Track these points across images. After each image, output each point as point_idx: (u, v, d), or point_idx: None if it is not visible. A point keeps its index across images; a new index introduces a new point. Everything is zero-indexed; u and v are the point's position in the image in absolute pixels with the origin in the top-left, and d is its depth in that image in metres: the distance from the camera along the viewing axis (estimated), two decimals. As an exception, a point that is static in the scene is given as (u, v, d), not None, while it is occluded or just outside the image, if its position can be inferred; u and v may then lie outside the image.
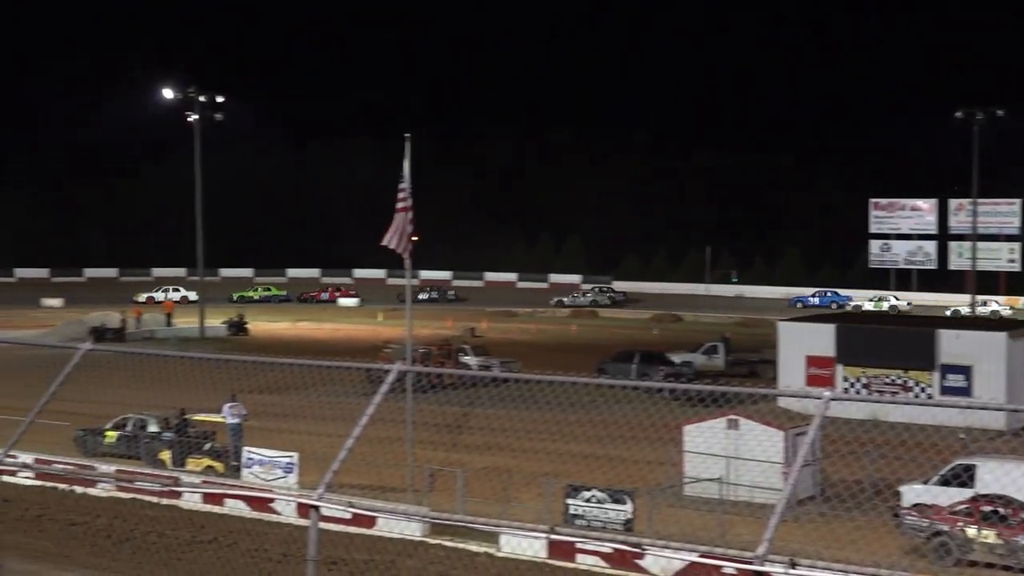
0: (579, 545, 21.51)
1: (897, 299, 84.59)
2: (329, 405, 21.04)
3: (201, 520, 23.49)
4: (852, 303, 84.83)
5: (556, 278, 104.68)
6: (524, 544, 21.22)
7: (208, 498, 25.22)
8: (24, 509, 20.65)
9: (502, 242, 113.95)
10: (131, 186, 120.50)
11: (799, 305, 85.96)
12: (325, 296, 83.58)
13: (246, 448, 29.61)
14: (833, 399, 8.26)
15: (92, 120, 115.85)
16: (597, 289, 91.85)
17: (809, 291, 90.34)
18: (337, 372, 20.23)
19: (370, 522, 21.19)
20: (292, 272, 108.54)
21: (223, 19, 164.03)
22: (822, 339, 39.95)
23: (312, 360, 16.47)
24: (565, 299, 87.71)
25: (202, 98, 64.04)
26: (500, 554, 21.89)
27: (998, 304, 79.92)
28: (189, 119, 63.47)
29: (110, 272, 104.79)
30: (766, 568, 8.71)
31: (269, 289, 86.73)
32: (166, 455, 30.27)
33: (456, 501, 25.16)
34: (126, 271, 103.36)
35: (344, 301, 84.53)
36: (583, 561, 21.73)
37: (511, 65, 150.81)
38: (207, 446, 30.92)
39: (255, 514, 23.84)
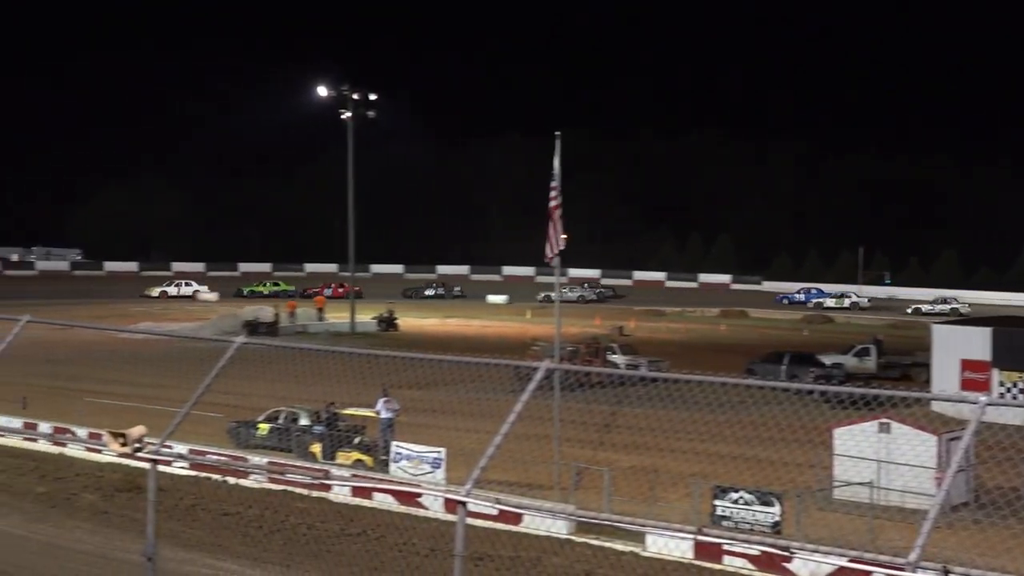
0: (726, 547, 21.33)
1: (858, 296, 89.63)
2: (477, 401, 21.33)
3: (350, 513, 23.71)
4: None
5: (705, 278, 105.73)
6: (671, 544, 21.11)
7: (357, 491, 25.59)
8: (179, 498, 21.05)
9: (651, 241, 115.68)
10: (286, 183, 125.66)
11: (785, 301, 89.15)
12: (328, 292, 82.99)
13: (395, 443, 30.06)
14: (989, 404, 8.00)
15: (250, 119, 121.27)
16: (586, 285, 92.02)
17: (795, 287, 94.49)
18: (485, 369, 20.12)
19: (516, 519, 21.37)
20: (441, 269, 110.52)
21: (377, 18, 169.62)
22: (977, 342, 39.08)
23: (461, 357, 16.40)
24: (552, 294, 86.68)
25: (355, 96, 65.55)
26: (646, 554, 21.74)
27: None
28: (343, 117, 65.07)
29: (264, 267, 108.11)
30: (918, 575, 8.65)
31: (278, 284, 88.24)
32: (317, 448, 30.79)
33: (602, 500, 25.26)
34: (279, 266, 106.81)
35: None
36: (730, 563, 21.52)
37: (664, 64, 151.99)
38: (357, 440, 31.28)
39: (403, 508, 24.08)
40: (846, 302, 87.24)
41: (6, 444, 28.50)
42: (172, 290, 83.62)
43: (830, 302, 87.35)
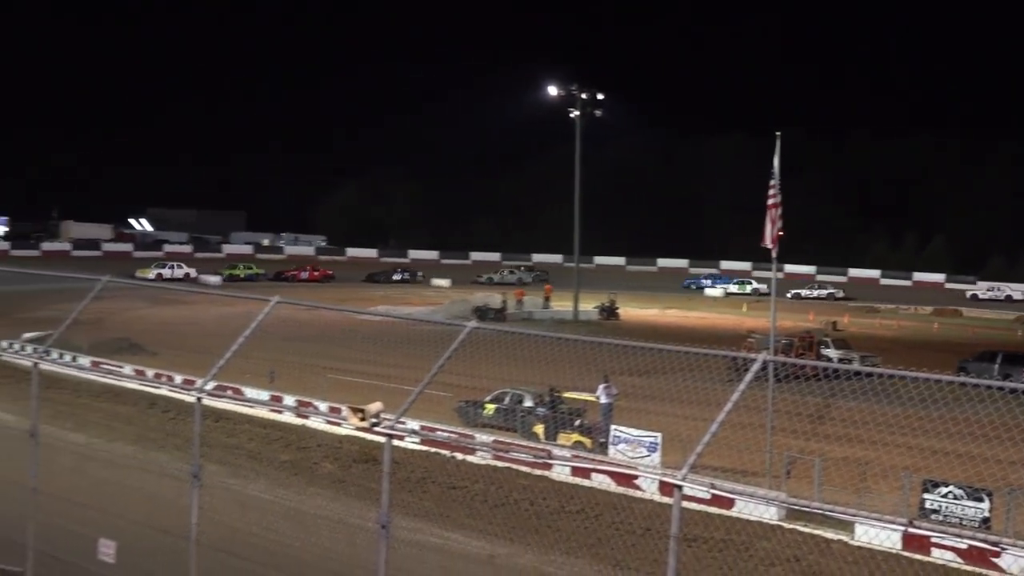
0: (934, 539, 21.67)
1: (757, 282, 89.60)
2: (693, 390, 21.41)
3: (569, 491, 24.79)
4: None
5: (919, 276, 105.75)
6: (882, 535, 21.15)
7: (576, 471, 26.50)
8: (410, 471, 22.25)
9: (866, 240, 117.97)
10: (517, 178, 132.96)
11: (692, 287, 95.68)
12: (304, 275, 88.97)
13: (613, 426, 30.84)
14: None
15: (484, 119, 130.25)
16: (522, 268, 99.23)
17: (704, 271, 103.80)
18: (702, 359, 19.96)
19: (729, 503, 22.35)
20: (661, 262, 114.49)
21: (605, 21, 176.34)
22: None
23: (679, 347, 16.75)
24: (494, 275, 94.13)
25: (583, 95, 68.20)
26: (854, 542, 22.02)
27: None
28: (571, 116, 67.70)
29: (494, 256, 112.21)
30: None
31: (251, 267, 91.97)
32: (539, 429, 31.71)
33: (813, 488, 25.57)
34: (508, 256, 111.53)
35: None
36: (938, 555, 21.83)
37: (882, 65, 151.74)
38: (577, 423, 32.15)
39: (619, 489, 24.77)
40: (748, 288, 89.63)
41: (255, 415, 30.64)
42: (166, 272, 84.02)
43: (733, 288, 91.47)
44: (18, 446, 16.55)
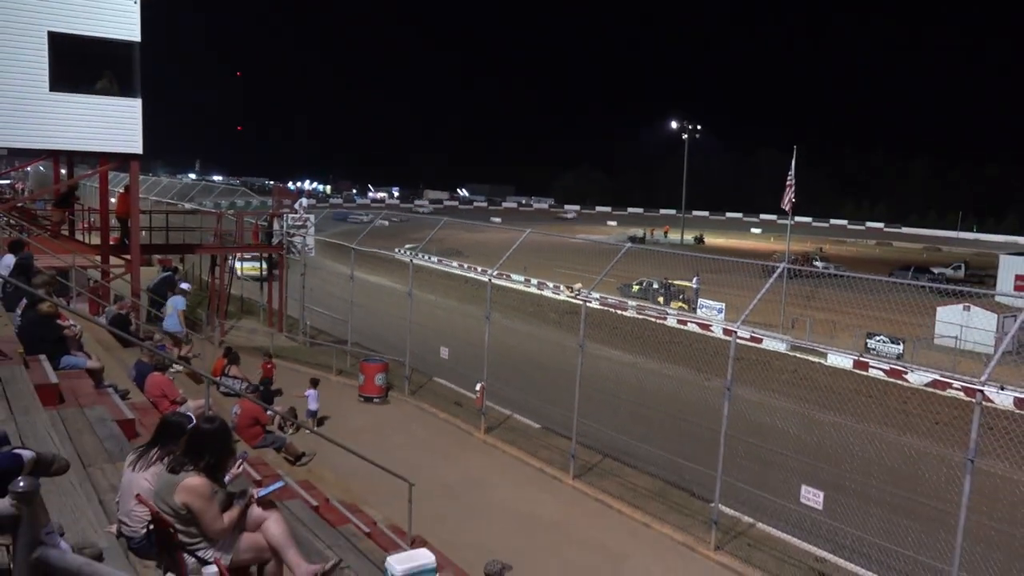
0: (871, 363, 27.30)
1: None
2: (742, 282, 22.58)
3: (676, 333, 29.83)
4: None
5: (871, 224, 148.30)
6: (842, 360, 27.98)
7: (680, 322, 31.95)
8: (595, 319, 23.76)
9: (842, 204, 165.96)
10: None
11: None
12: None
13: (700, 299, 37.10)
14: None
15: None
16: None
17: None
18: (748, 265, 21.38)
19: (759, 341, 26.60)
20: (729, 214, 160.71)
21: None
22: None
23: (735, 258, 20.78)
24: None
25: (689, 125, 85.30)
26: (827, 364, 28.09)
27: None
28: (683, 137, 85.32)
29: (637, 210, 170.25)
30: (984, 389, 11.31)
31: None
32: (660, 299, 37.46)
33: (805, 334, 32.20)
34: (649, 211, 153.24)
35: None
36: (874, 373, 26.84)
37: None
38: (681, 296, 38.42)
39: (702, 332, 30.04)
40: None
41: (518, 288, 38.78)
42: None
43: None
44: (402, 300, 26.85)
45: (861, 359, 28.50)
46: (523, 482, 19.85)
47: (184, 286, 25.34)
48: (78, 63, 23.12)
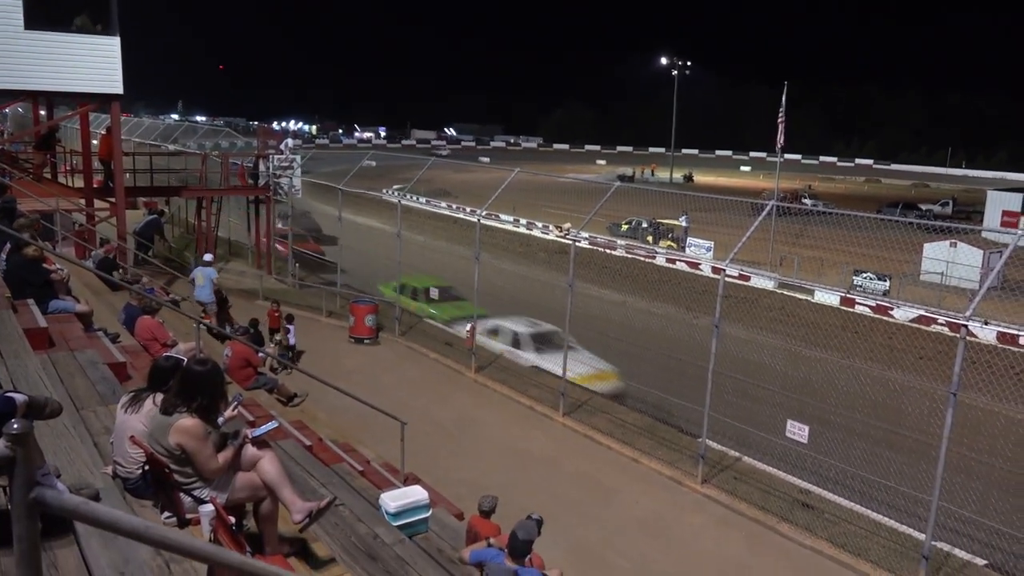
0: (858, 300, 27.85)
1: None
2: (731, 220, 25.09)
3: (665, 272, 31.31)
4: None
5: (860, 161, 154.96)
6: (830, 297, 28.49)
7: (669, 260, 32.69)
8: (584, 258, 24.13)
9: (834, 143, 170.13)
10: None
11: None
12: None
13: (689, 237, 38.55)
14: (1021, 236, 12.19)
15: None
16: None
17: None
18: (738, 202, 21.33)
19: (748, 278, 27.00)
20: (718, 151, 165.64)
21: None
22: (1013, 201, 54.80)
23: (724, 196, 20.72)
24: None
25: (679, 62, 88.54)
26: (814, 301, 29.07)
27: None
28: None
29: (627, 148, 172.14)
30: (969, 324, 11.76)
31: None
32: (650, 238, 39.04)
33: (793, 271, 32.63)
34: (639, 149, 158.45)
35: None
36: (860, 310, 27.46)
37: None
38: (670, 235, 39.59)
39: (691, 271, 31.26)
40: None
41: (505, 228, 38.54)
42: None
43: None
44: (388, 240, 27.23)
45: (848, 296, 28.78)
46: (514, 419, 20.17)
47: (207, 257, 25.37)
48: (53, 0, 22.70)
